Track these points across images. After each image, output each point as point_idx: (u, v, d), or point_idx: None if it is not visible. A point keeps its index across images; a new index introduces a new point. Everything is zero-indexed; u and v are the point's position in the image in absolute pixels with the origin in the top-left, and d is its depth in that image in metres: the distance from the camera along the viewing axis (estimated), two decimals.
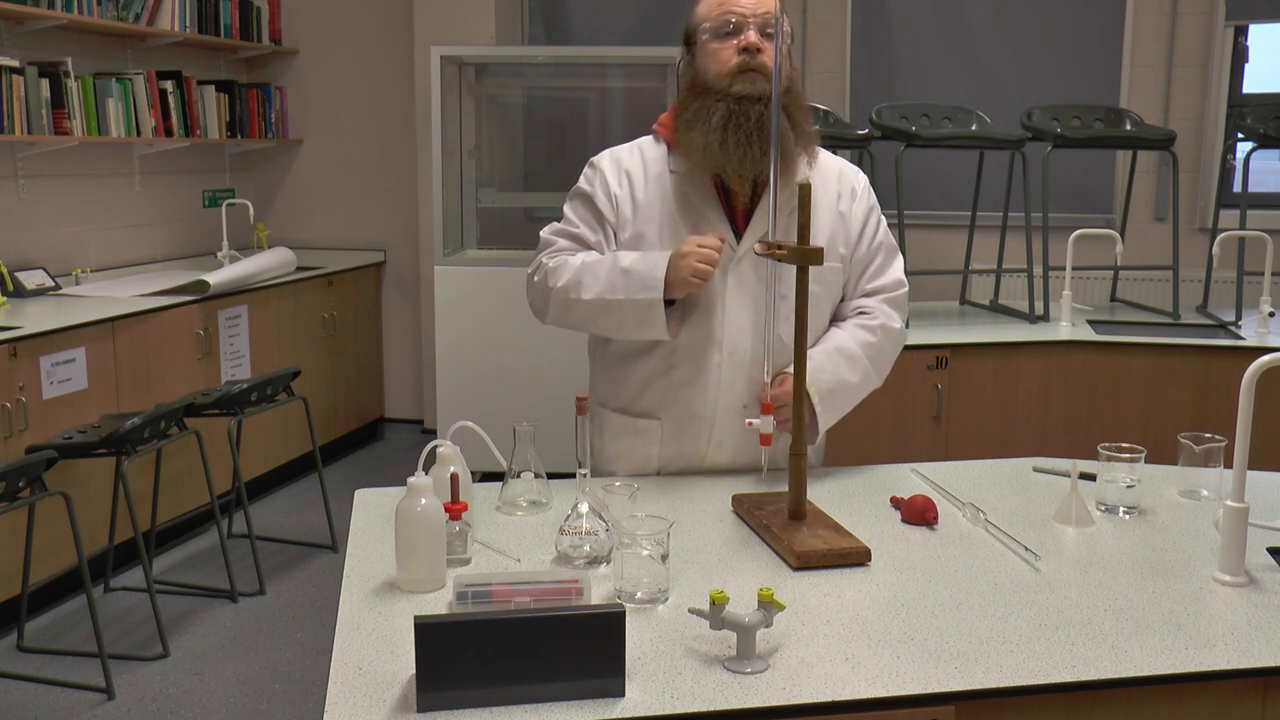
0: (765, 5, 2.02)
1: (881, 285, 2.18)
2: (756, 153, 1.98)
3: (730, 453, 2.13)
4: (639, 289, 1.98)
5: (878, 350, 2.13)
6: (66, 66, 4.36)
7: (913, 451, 3.75)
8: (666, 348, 2.08)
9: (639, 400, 2.13)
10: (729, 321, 2.06)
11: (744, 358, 2.06)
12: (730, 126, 1.97)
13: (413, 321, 5.95)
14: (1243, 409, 1.63)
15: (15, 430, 3.55)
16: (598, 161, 2.16)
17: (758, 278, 2.06)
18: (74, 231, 4.74)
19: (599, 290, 2.01)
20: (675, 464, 2.14)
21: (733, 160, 2.00)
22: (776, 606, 1.40)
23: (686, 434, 2.11)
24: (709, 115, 1.99)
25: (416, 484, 1.60)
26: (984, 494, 2.05)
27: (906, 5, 5.34)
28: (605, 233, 2.11)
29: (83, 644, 3.46)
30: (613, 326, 2.05)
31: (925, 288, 5.15)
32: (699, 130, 2.00)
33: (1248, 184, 4.37)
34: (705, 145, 2.00)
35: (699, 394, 2.08)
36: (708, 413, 2.09)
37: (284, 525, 4.63)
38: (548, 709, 1.28)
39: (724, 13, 2.03)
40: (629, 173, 2.12)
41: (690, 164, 2.06)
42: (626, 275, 2.00)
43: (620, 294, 1.99)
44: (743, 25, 2.01)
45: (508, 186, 5.55)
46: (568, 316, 2.09)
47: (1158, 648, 1.44)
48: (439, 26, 5.46)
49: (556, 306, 2.08)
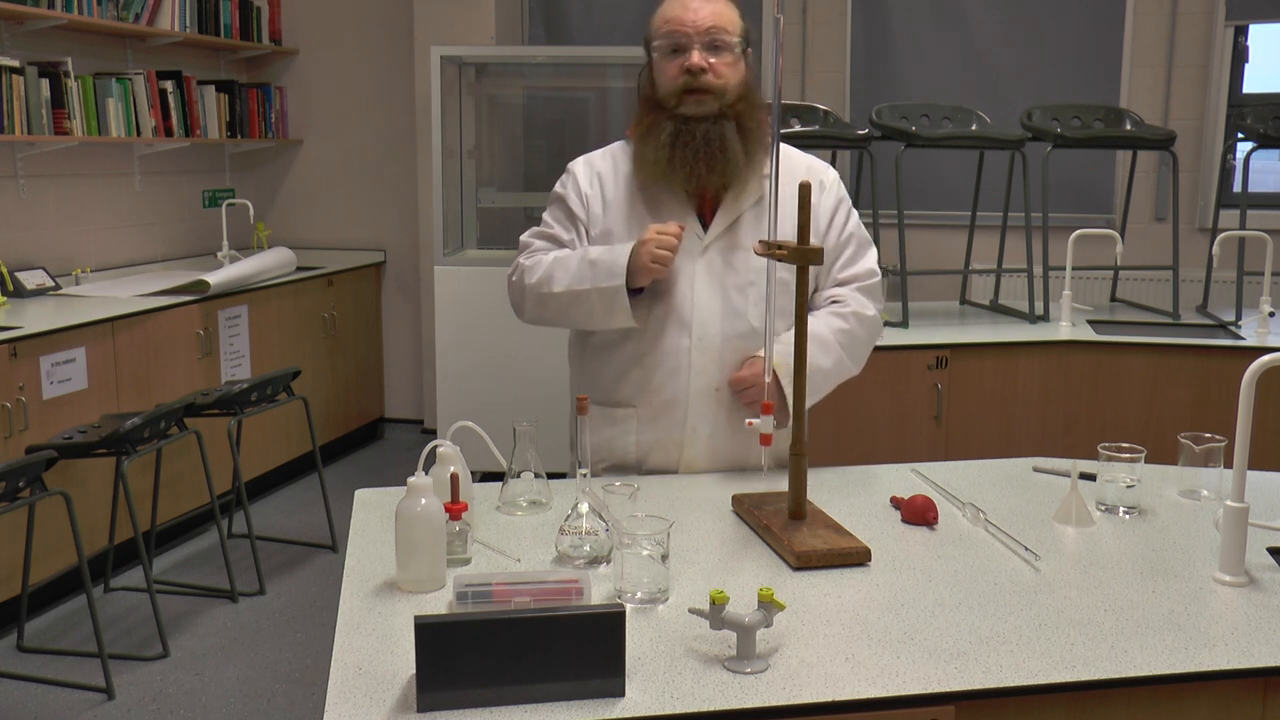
0: (710, 19, 2.07)
1: (854, 274, 2.23)
2: (703, 169, 2.08)
3: (707, 439, 2.16)
4: (604, 278, 2.07)
5: (851, 337, 2.17)
6: (66, 66, 4.36)
7: (913, 451, 3.75)
8: (638, 337, 2.14)
9: (615, 391, 2.19)
10: (698, 308, 2.13)
11: (713, 342, 2.13)
12: (678, 144, 2.08)
13: (413, 321, 5.95)
14: (1243, 409, 1.63)
15: (15, 430, 3.55)
16: (572, 166, 2.27)
17: (726, 265, 2.14)
18: (74, 231, 4.74)
19: (568, 282, 2.11)
20: (654, 453, 2.18)
21: (679, 176, 2.10)
22: (776, 606, 1.40)
23: (662, 420, 2.16)
24: (659, 132, 2.09)
25: (416, 484, 1.60)
26: (984, 494, 2.05)
27: (906, 5, 5.34)
28: (578, 231, 2.21)
29: (83, 644, 3.46)
30: (583, 317, 2.14)
31: (925, 288, 5.15)
32: (650, 145, 2.10)
33: (1248, 184, 4.37)
34: (655, 161, 2.10)
35: (670, 379, 2.14)
36: (681, 397, 2.14)
37: (284, 525, 4.63)
38: (548, 709, 1.28)
39: (669, 30, 2.09)
40: (600, 174, 2.23)
41: (642, 178, 2.15)
42: (593, 266, 2.09)
43: (587, 284, 2.09)
44: (687, 45, 2.07)
45: (508, 186, 5.54)
46: (543, 311, 2.19)
47: (1158, 648, 1.44)
48: (439, 26, 5.46)
49: (532, 302, 2.19)
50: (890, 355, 3.76)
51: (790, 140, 3.88)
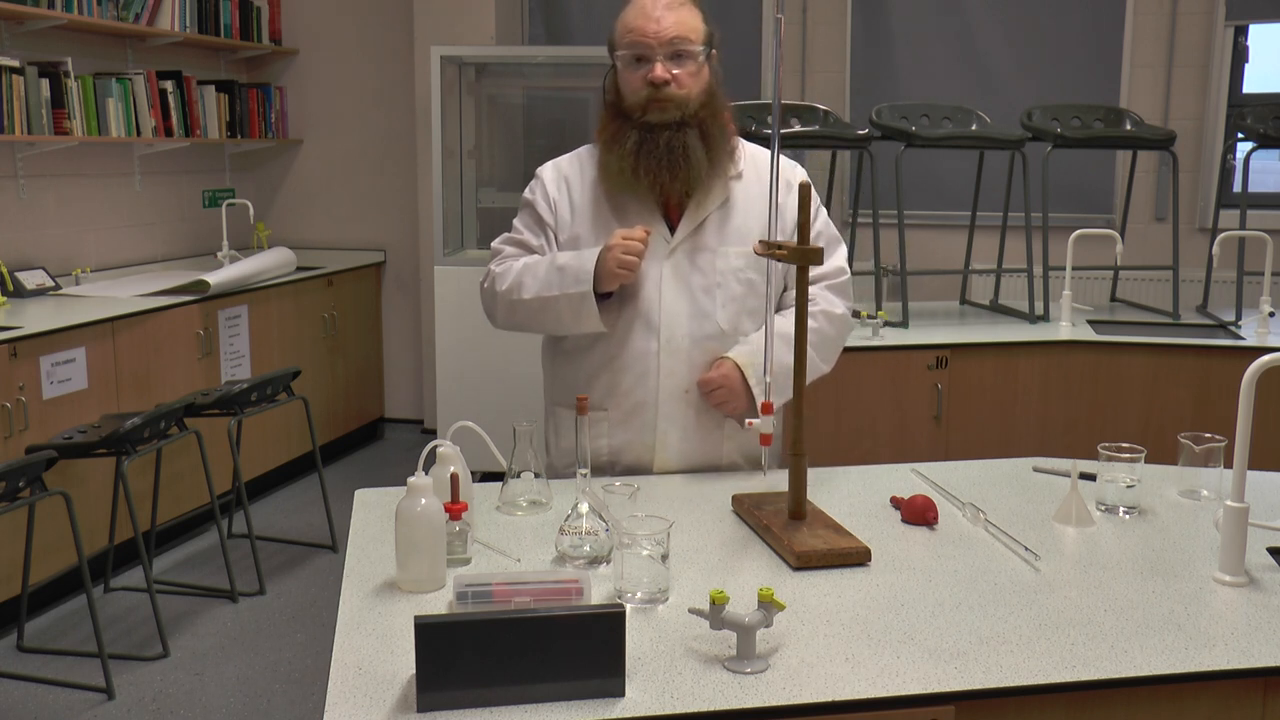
0: (673, 29, 2.06)
1: (822, 274, 2.24)
2: (666, 177, 2.10)
3: (678, 440, 2.18)
4: (572, 283, 2.08)
5: (820, 335, 2.19)
6: (66, 66, 4.36)
7: (913, 451, 3.75)
8: (608, 340, 2.16)
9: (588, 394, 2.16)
10: (665, 311, 2.14)
11: (681, 344, 2.15)
12: (642, 153, 2.09)
13: (413, 321, 5.95)
14: (1243, 409, 1.63)
15: (15, 430, 3.55)
16: (540, 171, 2.30)
17: (692, 267, 2.16)
18: (74, 231, 4.74)
19: (537, 289, 2.13)
20: (627, 454, 2.19)
21: (643, 184, 2.11)
22: (776, 606, 1.40)
23: (633, 421, 2.17)
24: (624, 140, 2.10)
25: (416, 484, 1.60)
26: (984, 494, 2.05)
27: (906, 5, 5.34)
28: (547, 236, 2.23)
29: (83, 644, 3.46)
30: (552, 322, 2.16)
31: (925, 288, 5.15)
32: (615, 154, 2.12)
33: (1248, 184, 4.37)
34: (620, 170, 2.11)
35: (640, 381, 2.16)
36: (650, 399, 2.16)
37: (284, 525, 4.63)
38: (548, 709, 1.28)
39: (632, 40, 2.09)
40: (567, 178, 2.25)
41: (607, 185, 2.16)
42: (561, 272, 2.11)
43: (555, 290, 2.10)
44: (650, 55, 2.07)
45: (508, 186, 5.54)
46: (514, 317, 2.20)
47: (1158, 648, 1.44)
48: (439, 26, 5.46)
49: (503, 309, 2.21)
50: (890, 355, 3.76)
51: (790, 140, 3.89)
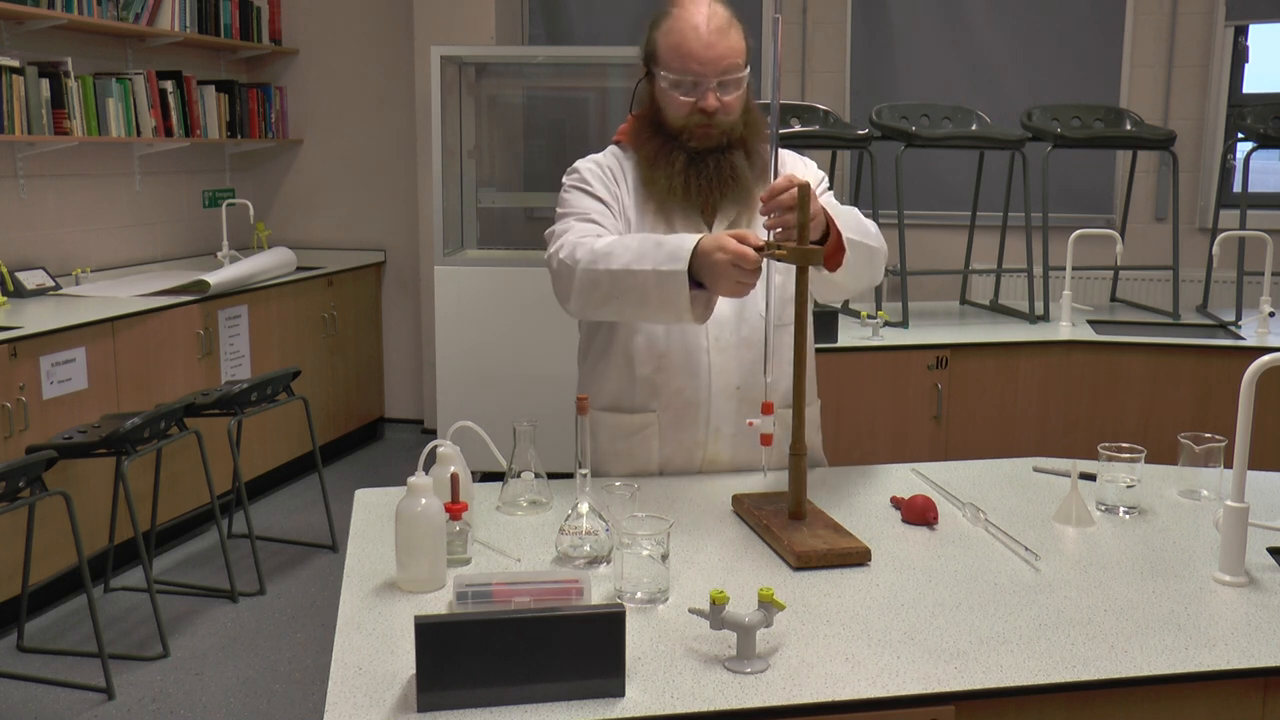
0: (726, 55, 2.01)
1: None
2: (716, 197, 2.07)
3: (730, 439, 2.14)
4: (666, 260, 1.88)
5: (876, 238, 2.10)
6: (66, 66, 4.36)
7: (913, 451, 3.75)
8: (654, 339, 2.10)
9: (630, 396, 2.14)
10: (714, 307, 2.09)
11: (730, 340, 2.11)
12: (692, 173, 2.05)
13: (413, 321, 5.95)
14: (1243, 409, 1.63)
15: (15, 430, 3.55)
16: (579, 165, 2.19)
17: None
18: (74, 231, 4.74)
19: (627, 260, 1.91)
20: (677, 458, 2.15)
21: (695, 204, 2.09)
22: (776, 606, 1.40)
23: (684, 422, 2.13)
24: (671, 160, 2.06)
25: (416, 484, 1.60)
26: (984, 494, 2.05)
27: (906, 5, 5.34)
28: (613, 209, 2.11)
29: (83, 644, 3.46)
30: (634, 302, 1.93)
31: (925, 288, 5.15)
32: (662, 172, 2.07)
33: (1248, 184, 4.38)
34: (670, 189, 2.07)
35: (691, 380, 2.11)
36: (702, 397, 2.12)
37: (284, 525, 4.63)
38: (548, 709, 1.28)
39: (683, 67, 2.01)
40: (611, 170, 2.17)
41: (653, 204, 2.10)
42: (659, 246, 1.92)
43: (649, 264, 1.89)
44: (702, 84, 2.01)
45: (508, 186, 5.55)
46: (592, 292, 1.97)
47: (1158, 648, 1.44)
48: (439, 26, 5.46)
49: (581, 282, 1.97)
50: (890, 355, 3.76)
51: (790, 140, 3.89)
